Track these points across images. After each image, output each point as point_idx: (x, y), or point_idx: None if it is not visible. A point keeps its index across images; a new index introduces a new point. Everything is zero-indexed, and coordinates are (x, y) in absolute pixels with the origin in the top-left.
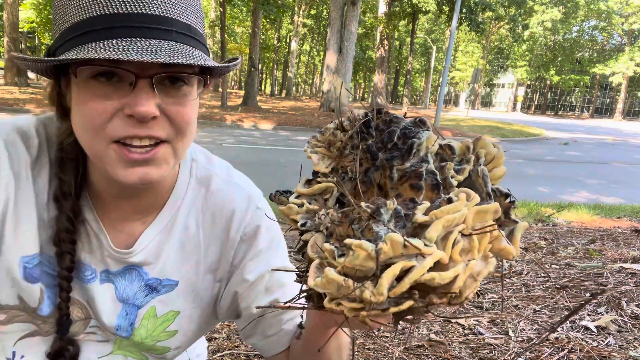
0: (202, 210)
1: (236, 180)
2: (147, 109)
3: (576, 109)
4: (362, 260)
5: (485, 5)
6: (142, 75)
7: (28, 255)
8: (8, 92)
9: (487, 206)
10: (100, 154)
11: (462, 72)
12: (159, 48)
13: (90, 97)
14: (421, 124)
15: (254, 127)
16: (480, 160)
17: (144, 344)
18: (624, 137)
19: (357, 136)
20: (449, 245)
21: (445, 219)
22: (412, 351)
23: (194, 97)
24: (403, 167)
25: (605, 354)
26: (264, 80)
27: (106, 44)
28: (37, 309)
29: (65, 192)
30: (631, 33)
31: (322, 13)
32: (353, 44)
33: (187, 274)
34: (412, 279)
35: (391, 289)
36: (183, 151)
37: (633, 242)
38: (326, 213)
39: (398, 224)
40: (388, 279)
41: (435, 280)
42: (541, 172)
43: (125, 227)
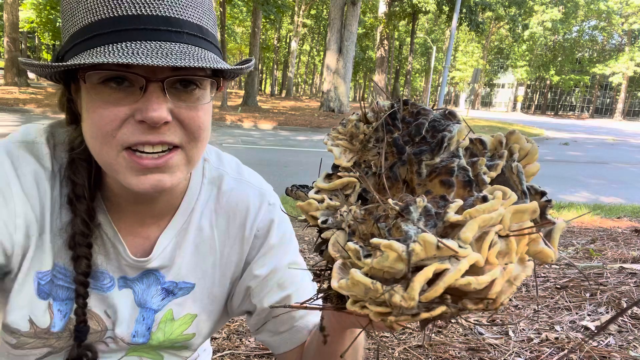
0: (216, 211)
1: (247, 178)
2: (158, 114)
3: (576, 109)
4: (392, 262)
5: (485, 5)
6: (153, 79)
7: (42, 271)
8: (8, 92)
9: (525, 205)
10: (110, 161)
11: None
12: (169, 51)
13: (99, 104)
14: (451, 116)
15: (254, 127)
16: (514, 156)
17: (161, 346)
18: (624, 137)
19: (382, 129)
20: (485, 247)
21: (481, 218)
22: (412, 351)
23: (207, 100)
24: (433, 162)
25: (605, 354)
26: (264, 80)
27: (115, 48)
28: (50, 327)
29: (78, 194)
30: (631, 33)
31: (322, 13)
32: (353, 44)
33: (203, 276)
34: (447, 283)
35: (422, 293)
36: (197, 158)
37: (633, 242)
38: (348, 210)
39: (429, 223)
40: (420, 282)
41: (471, 285)
42: (541, 172)
43: (140, 232)
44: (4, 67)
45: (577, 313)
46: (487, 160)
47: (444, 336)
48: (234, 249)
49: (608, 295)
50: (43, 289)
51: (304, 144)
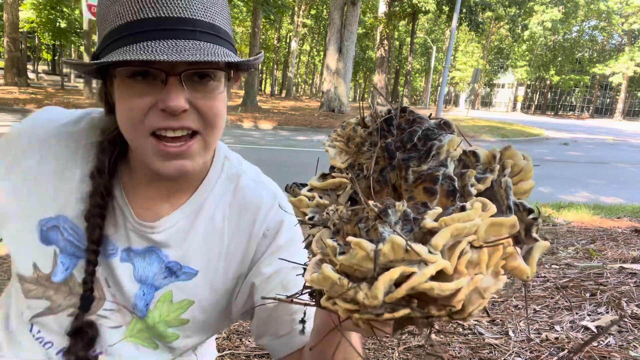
0: (230, 205)
1: (264, 181)
2: (177, 103)
3: (576, 109)
4: (360, 260)
5: (485, 5)
6: (172, 73)
7: (45, 217)
8: (8, 92)
9: (503, 219)
10: (140, 145)
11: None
12: (184, 47)
13: (129, 95)
14: (446, 126)
15: (254, 127)
16: (506, 171)
17: (155, 328)
18: (624, 137)
19: (376, 133)
20: (455, 256)
21: (454, 227)
22: (412, 351)
23: (221, 90)
24: (419, 169)
25: (605, 354)
26: (264, 80)
27: (139, 47)
28: (51, 274)
29: (100, 169)
30: (631, 33)
31: (322, 13)
32: (353, 44)
33: (207, 265)
34: (410, 285)
35: (388, 294)
36: (214, 143)
37: (633, 242)
38: (335, 209)
39: (405, 227)
40: (384, 282)
41: (434, 290)
42: (541, 172)
43: (152, 206)
44: (4, 67)
45: (577, 313)
46: (478, 173)
47: (444, 336)
48: (241, 243)
49: (608, 295)
50: (46, 235)
51: (304, 144)
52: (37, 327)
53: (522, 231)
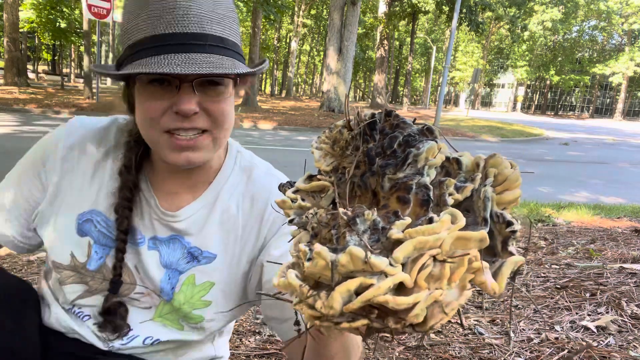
0: (243, 195)
1: (275, 173)
2: (188, 107)
3: (576, 109)
4: (321, 269)
5: (485, 5)
6: (185, 80)
7: (81, 212)
8: (8, 92)
9: (470, 233)
10: (155, 140)
11: (462, 72)
12: (195, 60)
13: (147, 98)
14: (428, 132)
15: (254, 127)
16: (487, 181)
17: (181, 309)
18: (624, 137)
19: (359, 137)
20: (415, 269)
21: (417, 240)
22: (412, 351)
23: (229, 94)
24: (395, 176)
25: (605, 354)
26: (264, 80)
27: (157, 59)
28: (86, 263)
29: (127, 166)
30: (631, 33)
31: (322, 13)
32: (353, 44)
33: (224, 249)
34: (365, 298)
35: (347, 304)
36: (223, 139)
37: (633, 242)
38: (315, 212)
39: (373, 236)
40: (340, 292)
41: (389, 304)
42: (541, 172)
43: (175, 198)
44: (4, 67)
45: (577, 313)
46: (459, 182)
47: (444, 336)
48: (254, 229)
49: (608, 295)
50: (81, 227)
51: (304, 144)
52: (77, 308)
53: (499, 244)
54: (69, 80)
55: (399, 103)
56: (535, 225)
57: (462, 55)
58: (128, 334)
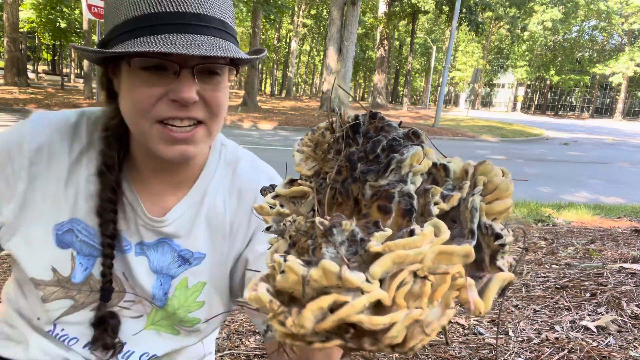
0: (229, 190)
1: (260, 166)
2: (189, 95)
3: (576, 109)
4: (292, 283)
5: (485, 5)
6: (185, 66)
7: (59, 222)
8: (8, 92)
9: (454, 247)
10: (145, 132)
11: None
12: (200, 42)
13: (139, 84)
14: (414, 136)
15: (254, 127)
16: (476, 189)
17: (176, 315)
18: (624, 137)
19: (342, 141)
20: (394, 286)
21: (396, 254)
22: None
23: (226, 84)
24: (377, 184)
25: (605, 354)
26: (264, 80)
27: (155, 39)
28: (71, 276)
29: (109, 165)
30: (631, 33)
31: (322, 13)
32: (353, 44)
33: (213, 248)
34: (338, 317)
35: (319, 322)
36: (216, 131)
37: (633, 242)
38: (293, 220)
39: (350, 248)
40: (312, 310)
41: (364, 324)
42: (541, 172)
43: (160, 200)
44: (4, 67)
45: (577, 313)
46: (446, 190)
47: (444, 336)
48: (242, 225)
49: (608, 295)
50: (62, 238)
51: None
52: (60, 326)
53: (486, 258)
54: (69, 80)
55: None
56: (535, 225)
57: (462, 55)
58: (122, 351)
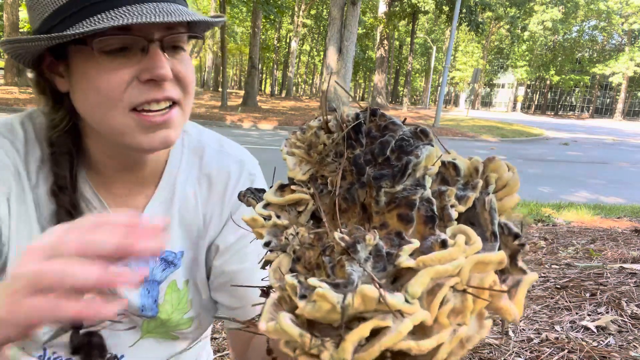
0: (198, 180)
1: (228, 150)
2: (166, 71)
3: (576, 109)
4: (326, 313)
5: (485, 6)
6: (153, 40)
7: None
8: (8, 92)
9: (490, 256)
10: (118, 124)
11: (462, 72)
12: (167, 9)
13: (102, 71)
14: (423, 135)
15: (254, 127)
16: (490, 188)
17: (171, 320)
18: (624, 137)
19: (343, 142)
20: (436, 305)
21: (435, 270)
22: None
23: (189, 57)
24: (393, 190)
25: (605, 354)
26: (264, 80)
27: (117, 12)
28: None
29: (61, 186)
30: (631, 33)
31: (322, 13)
32: (353, 44)
33: (190, 243)
34: (384, 346)
35: (358, 351)
36: (189, 111)
37: (633, 242)
38: (295, 233)
39: (377, 265)
40: (353, 342)
41: (412, 351)
42: (541, 172)
43: (127, 201)
44: (4, 67)
45: (577, 313)
46: (459, 190)
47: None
48: (215, 214)
49: (608, 295)
50: None
51: None
52: (51, 350)
53: (507, 259)
54: None
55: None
56: (535, 225)
57: (462, 55)
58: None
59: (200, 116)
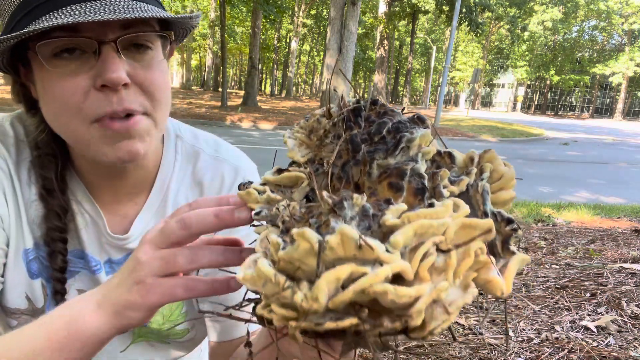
0: (191, 187)
1: (223, 156)
2: (117, 75)
3: (576, 109)
4: (303, 254)
5: (485, 6)
6: (105, 41)
7: (26, 248)
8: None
9: (477, 220)
10: (81, 135)
11: (462, 72)
12: (116, 7)
13: (57, 78)
14: (419, 121)
15: (254, 127)
16: (484, 175)
17: (162, 330)
18: (624, 137)
19: (342, 124)
20: (417, 258)
21: (419, 223)
22: (412, 351)
23: (160, 58)
24: (385, 162)
25: (605, 354)
26: (264, 80)
27: (61, 12)
28: (44, 307)
29: (48, 189)
30: (631, 33)
31: (322, 13)
32: (353, 44)
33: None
34: (360, 286)
35: (333, 298)
36: (163, 121)
37: (633, 242)
38: (287, 204)
39: (362, 223)
40: (328, 281)
41: (388, 295)
42: (541, 172)
43: (118, 209)
44: None
45: (577, 313)
46: (453, 176)
47: (444, 336)
48: None
49: (608, 295)
50: (31, 267)
51: None
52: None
53: (499, 244)
54: None
55: (399, 103)
56: (535, 225)
57: (462, 55)
58: None
59: (200, 116)
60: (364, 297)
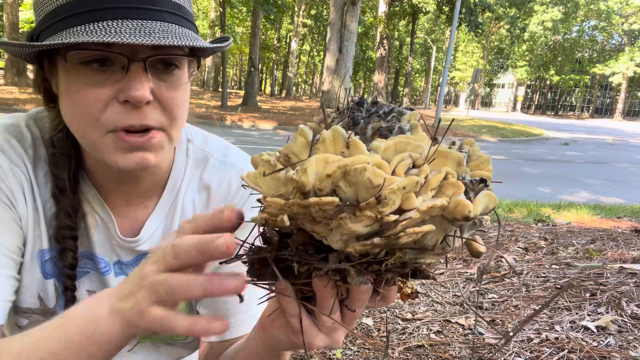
0: (199, 191)
1: (232, 161)
2: (142, 93)
3: (576, 109)
4: (300, 147)
5: (485, 6)
6: (135, 59)
7: (42, 249)
8: (8, 92)
9: (449, 150)
10: (95, 142)
11: (462, 72)
12: (151, 29)
13: (82, 85)
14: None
15: (254, 127)
16: (463, 149)
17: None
18: (624, 137)
19: (347, 112)
20: (395, 160)
21: (398, 139)
22: (412, 351)
23: (185, 80)
24: (378, 124)
25: (605, 354)
26: (264, 80)
27: (96, 27)
28: (55, 308)
29: (60, 187)
30: (631, 33)
31: (322, 13)
32: (353, 44)
33: None
34: (343, 162)
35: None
36: (178, 136)
37: (633, 242)
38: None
39: (374, 119)
40: (317, 160)
41: (366, 172)
42: (541, 172)
43: (129, 212)
44: (4, 67)
45: (577, 313)
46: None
47: (444, 336)
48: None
49: (608, 295)
50: (45, 267)
51: None
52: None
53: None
54: None
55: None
56: (535, 225)
57: (462, 55)
58: None
59: (200, 116)
60: (346, 183)
